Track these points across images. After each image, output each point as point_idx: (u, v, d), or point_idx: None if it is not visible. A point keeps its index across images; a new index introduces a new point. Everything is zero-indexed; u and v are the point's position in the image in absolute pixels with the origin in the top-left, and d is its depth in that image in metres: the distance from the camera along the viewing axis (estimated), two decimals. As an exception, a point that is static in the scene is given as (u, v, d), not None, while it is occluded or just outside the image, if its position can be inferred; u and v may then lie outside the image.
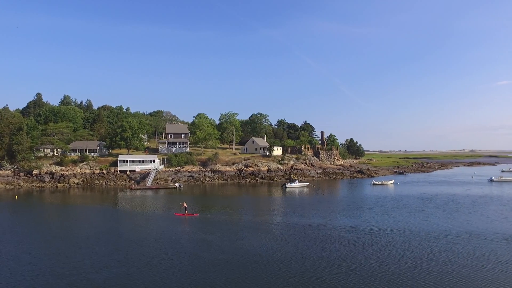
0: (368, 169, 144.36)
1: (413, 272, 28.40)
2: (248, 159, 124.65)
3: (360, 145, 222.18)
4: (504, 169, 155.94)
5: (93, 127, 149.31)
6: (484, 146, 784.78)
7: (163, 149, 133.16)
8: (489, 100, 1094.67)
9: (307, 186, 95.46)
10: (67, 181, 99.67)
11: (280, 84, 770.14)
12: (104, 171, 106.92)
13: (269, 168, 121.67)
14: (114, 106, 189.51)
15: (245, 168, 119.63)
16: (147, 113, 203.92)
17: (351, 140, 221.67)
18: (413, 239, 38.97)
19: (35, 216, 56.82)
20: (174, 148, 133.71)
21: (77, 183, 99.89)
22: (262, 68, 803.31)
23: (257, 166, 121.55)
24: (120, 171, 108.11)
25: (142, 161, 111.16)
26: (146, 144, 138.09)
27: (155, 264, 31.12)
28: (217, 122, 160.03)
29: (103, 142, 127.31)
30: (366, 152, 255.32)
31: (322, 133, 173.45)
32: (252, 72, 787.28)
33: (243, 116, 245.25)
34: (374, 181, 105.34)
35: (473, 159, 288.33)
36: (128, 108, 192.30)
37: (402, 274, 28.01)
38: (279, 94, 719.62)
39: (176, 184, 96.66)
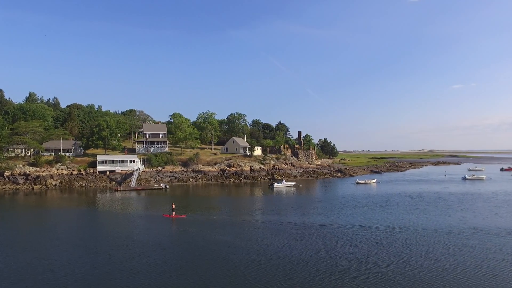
0: (346, 168, 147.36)
1: (440, 266, 29.13)
2: (230, 159, 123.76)
3: (333, 145, 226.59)
4: (470, 168, 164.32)
5: (64, 126, 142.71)
6: (441, 146, 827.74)
7: (141, 149, 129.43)
8: (444, 102, 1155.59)
9: (294, 185, 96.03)
10: (44, 182, 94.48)
11: (249, 85, 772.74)
12: (83, 171, 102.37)
13: (252, 168, 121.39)
14: (83, 104, 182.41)
15: (228, 168, 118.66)
16: (119, 112, 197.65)
17: (325, 140, 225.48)
18: (426, 235, 40.07)
19: (11, 220, 53.39)
20: (152, 148, 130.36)
21: (55, 185, 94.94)
22: (231, 69, 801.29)
23: (240, 166, 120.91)
24: (99, 171, 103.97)
25: (122, 162, 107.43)
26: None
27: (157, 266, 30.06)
28: (192, 121, 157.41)
29: (78, 142, 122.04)
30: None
31: (299, 133, 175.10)
32: (221, 72, 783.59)
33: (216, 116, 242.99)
34: (357, 180, 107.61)
35: (437, 159, 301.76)
36: (100, 107, 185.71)
37: (430, 268, 28.65)
38: (248, 95, 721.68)
39: (162, 185, 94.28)
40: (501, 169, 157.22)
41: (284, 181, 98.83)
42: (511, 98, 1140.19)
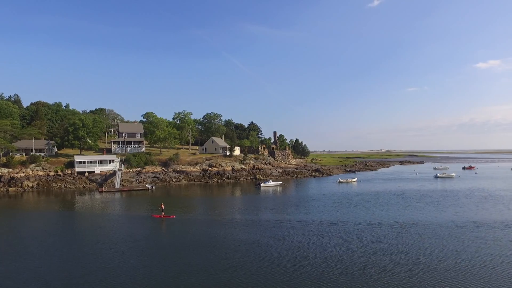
0: (322, 168, 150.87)
1: (465, 258, 31.18)
2: (211, 159, 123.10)
3: (305, 145, 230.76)
4: (436, 167, 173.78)
5: (32, 124, 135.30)
6: (397, 147, 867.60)
7: (117, 149, 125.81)
8: (400, 105, 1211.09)
9: (280, 185, 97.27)
10: (20, 184, 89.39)
11: (211, 84, 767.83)
12: (60, 172, 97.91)
13: (233, 168, 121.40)
14: (49, 102, 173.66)
15: (210, 168, 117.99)
16: (88, 111, 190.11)
17: (297, 140, 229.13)
18: (436, 229, 42.43)
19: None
20: (129, 148, 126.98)
21: (32, 187, 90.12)
22: (193, 67, 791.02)
23: (221, 166, 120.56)
24: (77, 172, 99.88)
25: (101, 162, 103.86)
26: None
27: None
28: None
29: (52, 142, 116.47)
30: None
31: (274, 133, 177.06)
32: (182, 71, 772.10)
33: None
34: (340, 179, 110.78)
35: (400, 158, 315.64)
36: (67, 105, 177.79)
37: (459, 258, 30.62)
38: (213, 95, 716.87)
39: (148, 186, 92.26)
40: (463, 168, 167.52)
41: (270, 180, 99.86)
42: (459, 101, 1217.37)
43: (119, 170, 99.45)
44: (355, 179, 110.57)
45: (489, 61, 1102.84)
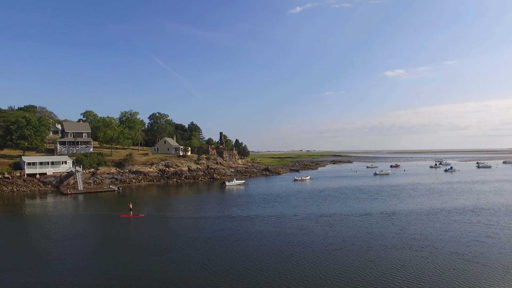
0: (269, 167, 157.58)
1: (455, 235, 38.70)
2: (166, 160, 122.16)
3: (245, 145, 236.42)
4: (368, 166, 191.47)
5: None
6: (316, 147, 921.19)
7: (62, 150, 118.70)
8: (318, 107, 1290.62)
9: (243, 184, 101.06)
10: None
11: (128, 81, 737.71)
12: (8, 175, 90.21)
13: (190, 168, 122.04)
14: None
15: (167, 168, 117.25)
16: (16, 108, 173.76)
17: (237, 141, 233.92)
18: (417, 217, 50.21)
19: None
20: (76, 149, 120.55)
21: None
22: (111, 63, 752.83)
23: (178, 166, 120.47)
24: (27, 174, 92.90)
25: (52, 163, 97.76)
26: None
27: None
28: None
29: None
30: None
31: (221, 134, 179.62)
32: (100, 67, 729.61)
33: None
34: (295, 177, 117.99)
35: (326, 158, 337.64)
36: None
37: (454, 239, 37.95)
38: (129, 92, 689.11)
39: (114, 187, 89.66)
40: (391, 166, 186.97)
41: (234, 179, 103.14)
42: (370, 105, 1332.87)
43: (77, 171, 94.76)
44: (308, 177, 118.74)
45: (396, 70, 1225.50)
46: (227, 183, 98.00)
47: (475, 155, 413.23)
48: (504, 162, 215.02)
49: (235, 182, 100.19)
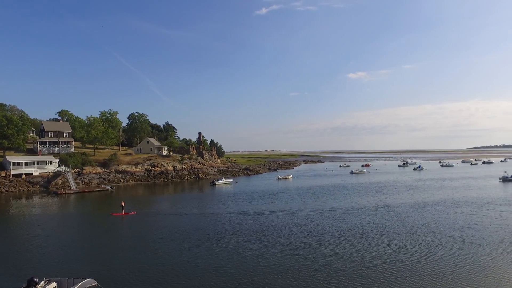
0: (250, 166, 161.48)
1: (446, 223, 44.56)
2: (151, 159, 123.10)
3: (220, 145, 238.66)
4: (341, 165, 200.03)
5: None
6: (281, 147, 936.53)
7: (43, 149, 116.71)
8: (282, 108, 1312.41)
9: (231, 182, 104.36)
10: (-48, 189, 78.74)
11: (90, 79, 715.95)
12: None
13: (175, 167, 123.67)
14: None
15: (153, 168, 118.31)
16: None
17: (212, 141, 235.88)
18: (408, 209, 56.05)
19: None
20: (56, 148, 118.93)
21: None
22: (71, 59, 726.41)
23: (163, 166, 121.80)
24: (13, 174, 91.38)
25: (38, 163, 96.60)
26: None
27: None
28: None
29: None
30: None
31: (199, 134, 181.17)
32: (58, 63, 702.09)
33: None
34: (279, 176, 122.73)
35: (295, 158, 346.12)
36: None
37: (448, 226, 43.72)
38: (91, 90, 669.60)
39: (108, 187, 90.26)
40: (362, 165, 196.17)
41: (223, 178, 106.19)
42: (333, 106, 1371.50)
43: (67, 171, 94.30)
44: (291, 176, 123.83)
45: (358, 72, 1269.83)
46: (216, 182, 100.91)
47: (434, 155, 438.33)
48: (462, 161, 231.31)
49: (224, 180, 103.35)
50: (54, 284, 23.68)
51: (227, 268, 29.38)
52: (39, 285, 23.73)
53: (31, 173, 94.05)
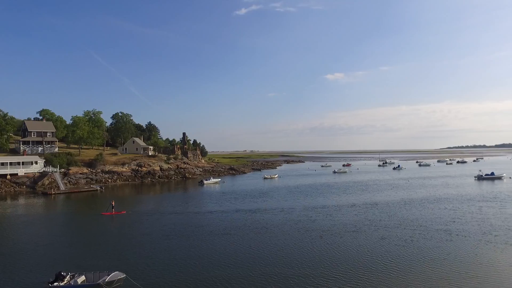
0: (234, 166, 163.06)
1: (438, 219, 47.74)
2: (137, 159, 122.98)
3: (203, 146, 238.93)
4: (322, 165, 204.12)
5: None
6: (260, 147, 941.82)
7: (26, 150, 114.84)
8: (261, 108, 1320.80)
9: (219, 182, 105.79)
10: None
11: (65, 78, 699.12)
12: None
13: (161, 167, 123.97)
14: None
15: (140, 168, 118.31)
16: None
17: (195, 141, 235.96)
18: (403, 207, 59.18)
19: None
20: (40, 148, 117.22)
21: (-48, 192, 78.43)
22: (46, 58, 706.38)
23: (150, 166, 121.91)
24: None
25: (24, 163, 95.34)
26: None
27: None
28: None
29: None
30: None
31: (184, 134, 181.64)
32: (36, 62, 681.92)
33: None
34: (265, 175, 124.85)
35: (278, 158, 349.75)
36: None
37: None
38: (67, 89, 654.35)
39: (97, 187, 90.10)
40: (343, 165, 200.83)
41: (211, 178, 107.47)
42: (311, 107, 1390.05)
43: (54, 171, 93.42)
44: (277, 175, 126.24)
45: (336, 74, 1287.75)
46: (205, 181, 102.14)
47: (410, 154, 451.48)
48: (438, 161, 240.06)
49: (212, 180, 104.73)
50: (83, 277, 24.88)
51: (238, 261, 31.19)
52: (66, 279, 24.92)
53: (16, 174, 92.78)
